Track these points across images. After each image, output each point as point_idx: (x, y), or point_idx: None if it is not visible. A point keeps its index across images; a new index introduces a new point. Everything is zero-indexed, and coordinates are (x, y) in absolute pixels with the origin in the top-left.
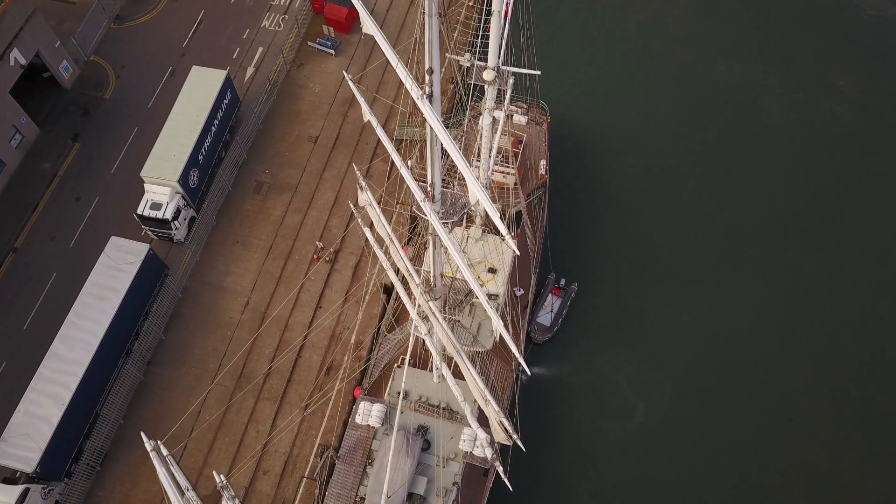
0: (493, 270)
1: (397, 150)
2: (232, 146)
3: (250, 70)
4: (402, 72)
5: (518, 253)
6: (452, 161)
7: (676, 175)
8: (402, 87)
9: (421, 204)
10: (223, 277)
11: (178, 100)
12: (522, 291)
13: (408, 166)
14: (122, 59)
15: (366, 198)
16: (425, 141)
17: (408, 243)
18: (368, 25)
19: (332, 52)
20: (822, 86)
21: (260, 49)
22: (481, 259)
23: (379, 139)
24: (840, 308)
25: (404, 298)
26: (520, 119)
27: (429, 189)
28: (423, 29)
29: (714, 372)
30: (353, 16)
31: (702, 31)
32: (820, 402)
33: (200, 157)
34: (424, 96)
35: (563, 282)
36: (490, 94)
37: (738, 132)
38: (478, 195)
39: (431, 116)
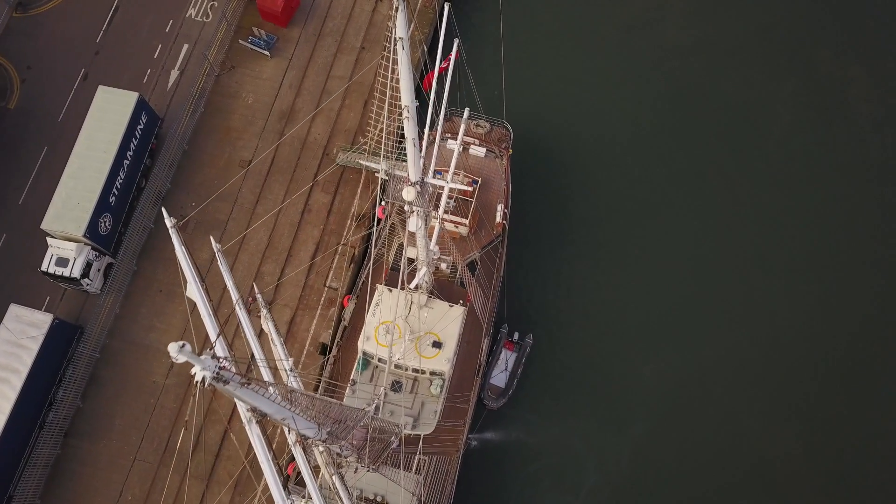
0: (437, 345)
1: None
2: (153, 173)
3: (174, 73)
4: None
5: None
6: None
7: (655, 211)
8: (347, 98)
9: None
10: (146, 334)
11: (81, 131)
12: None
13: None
14: (26, 58)
15: (269, 328)
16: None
17: (350, 292)
18: (192, 289)
19: (266, 52)
20: (840, 103)
21: (185, 46)
22: (426, 331)
23: (321, 162)
24: (829, 363)
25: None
26: (477, 151)
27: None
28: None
29: (677, 432)
30: (292, 6)
31: (703, 35)
32: (796, 468)
33: (112, 199)
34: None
35: (516, 335)
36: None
37: (738, 163)
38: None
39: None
